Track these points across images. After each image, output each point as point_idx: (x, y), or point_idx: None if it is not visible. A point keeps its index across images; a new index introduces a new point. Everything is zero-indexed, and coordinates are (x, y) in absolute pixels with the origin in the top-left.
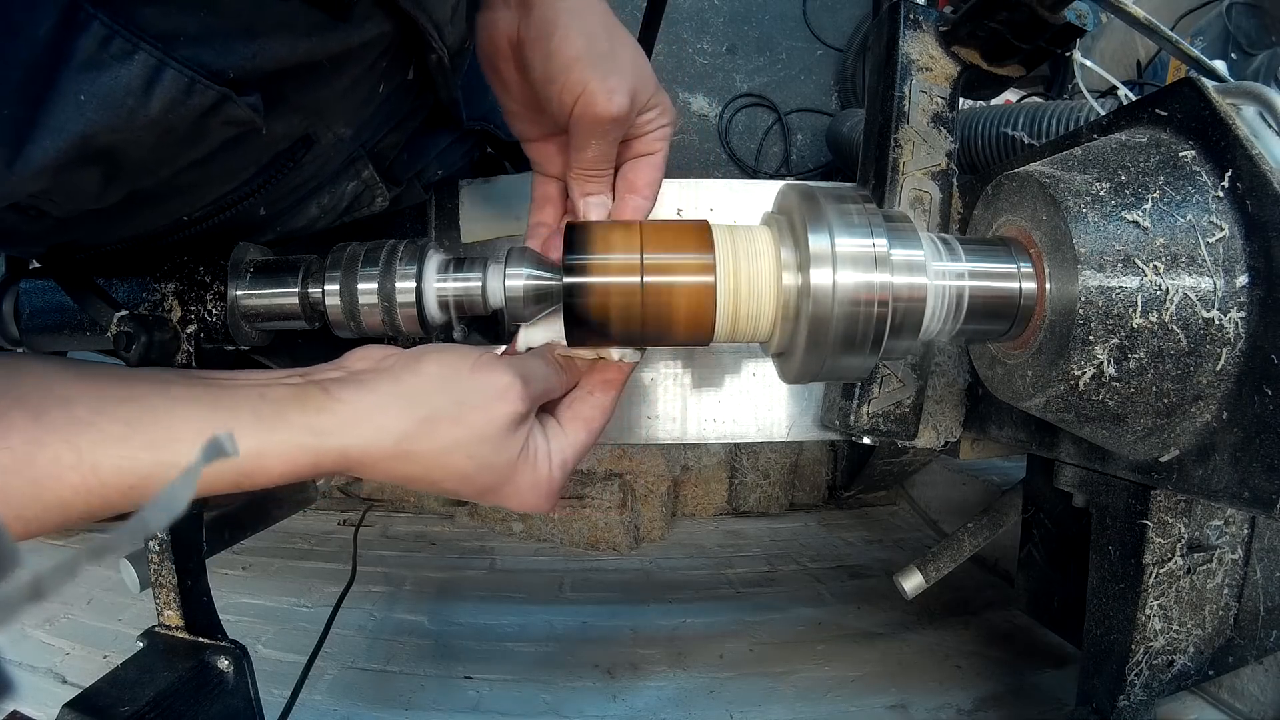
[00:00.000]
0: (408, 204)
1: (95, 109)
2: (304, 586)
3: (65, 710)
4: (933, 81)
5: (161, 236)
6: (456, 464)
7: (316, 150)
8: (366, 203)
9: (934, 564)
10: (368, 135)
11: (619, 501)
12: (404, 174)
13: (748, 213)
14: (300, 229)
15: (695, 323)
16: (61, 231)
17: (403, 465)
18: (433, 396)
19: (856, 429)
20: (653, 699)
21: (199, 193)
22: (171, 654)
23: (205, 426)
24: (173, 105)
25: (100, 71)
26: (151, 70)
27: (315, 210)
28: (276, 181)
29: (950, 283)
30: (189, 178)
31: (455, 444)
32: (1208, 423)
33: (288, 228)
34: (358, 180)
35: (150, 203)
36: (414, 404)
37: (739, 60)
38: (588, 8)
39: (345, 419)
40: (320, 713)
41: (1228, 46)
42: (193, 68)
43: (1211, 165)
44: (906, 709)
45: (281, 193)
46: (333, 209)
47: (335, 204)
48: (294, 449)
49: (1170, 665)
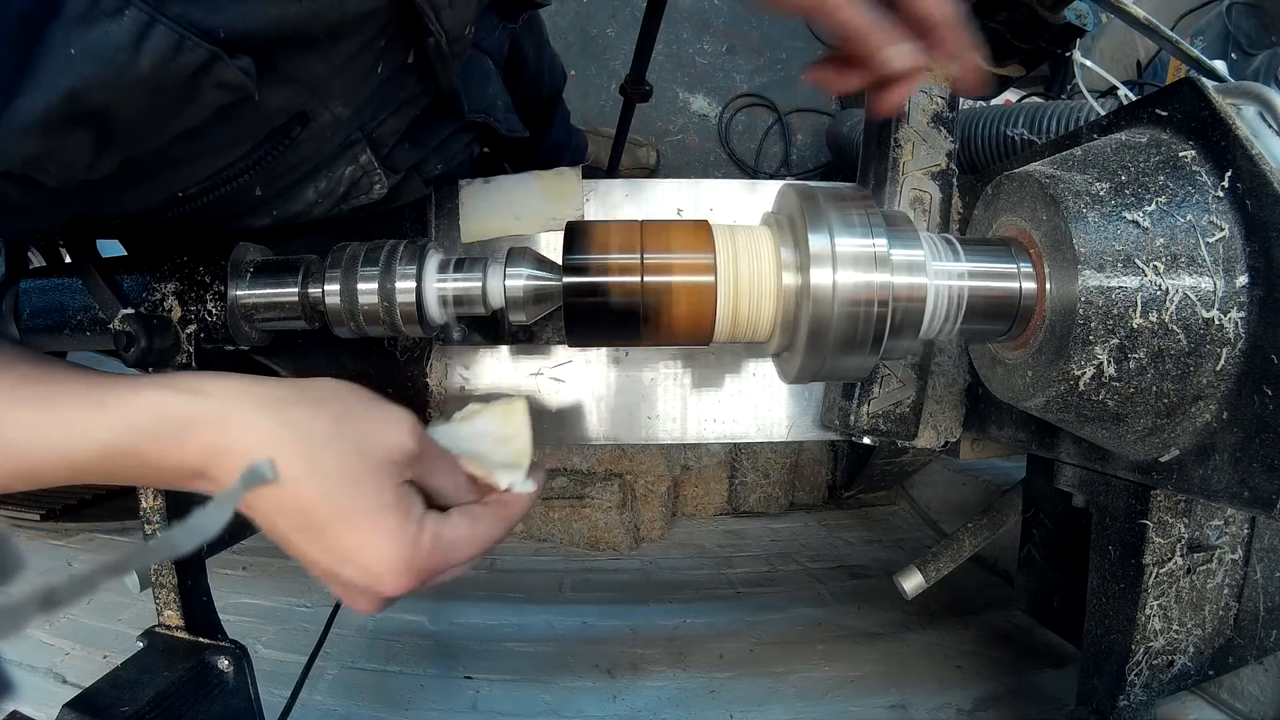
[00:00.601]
0: (406, 199)
1: (85, 64)
2: (304, 586)
3: (65, 710)
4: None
5: (157, 213)
6: (326, 460)
7: (313, 128)
8: (364, 189)
9: (934, 564)
10: (366, 118)
11: (619, 501)
12: (403, 163)
13: (748, 213)
14: (298, 214)
15: (695, 323)
16: (56, 204)
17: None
18: (321, 389)
19: (856, 429)
20: (653, 699)
21: (194, 166)
22: (171, 654)
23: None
24: (162, 63)
25: (90, 26)
26: (141, 26)
27: (312, 194)
28: (272, 159)
29: (950, 283)
30: (183, 150)
31: (330, 436)
32: (1208, 423)
33: (285, 212)
34: (355, 165)
35: (145, 174)
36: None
37: (739, 60)
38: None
39: (230, 384)
40: (320, 713)
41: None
42: (183, 25)
43: (1211, 165)
44: (906, 709)
45: (278, 172)
46: (330, 193)
47: (333, 188)
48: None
49: (1170, 665)
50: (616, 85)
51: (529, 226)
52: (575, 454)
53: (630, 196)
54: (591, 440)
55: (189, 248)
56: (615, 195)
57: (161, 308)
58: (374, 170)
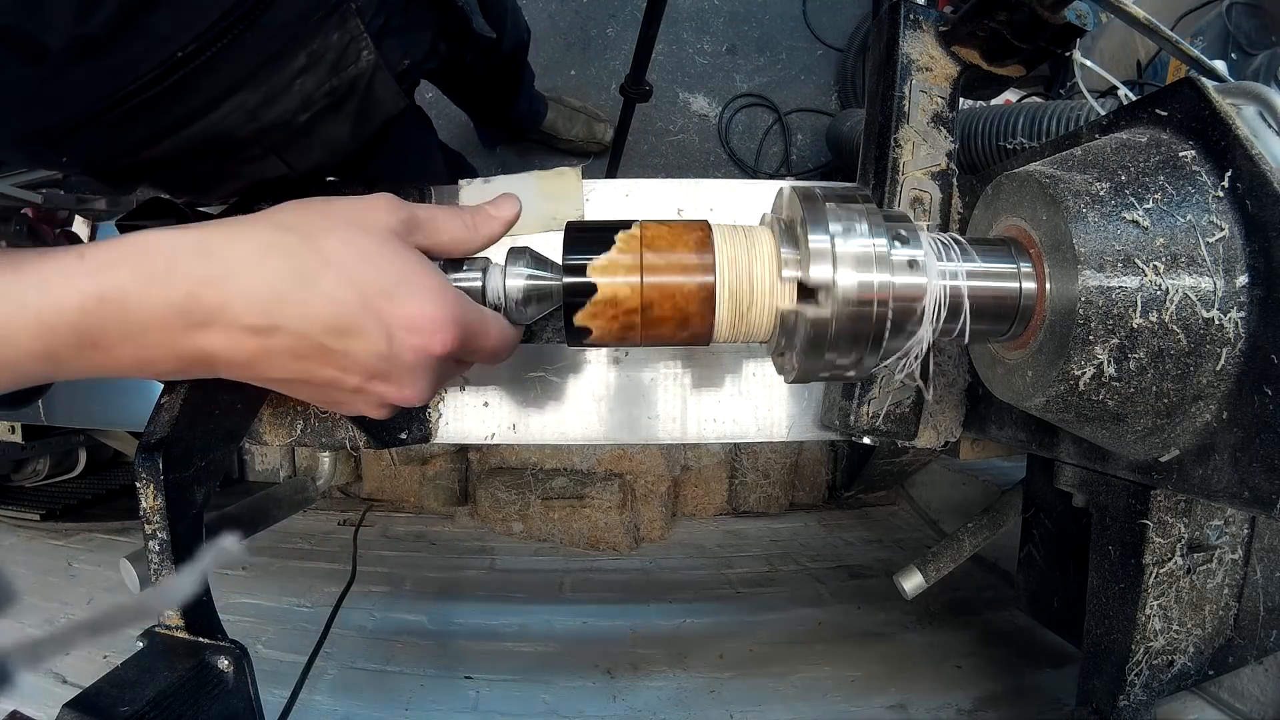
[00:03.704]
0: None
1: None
2: (304, 586)
3: (65, 710)
4: (933, 81)
5: (160, 80)
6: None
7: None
8: (352, 58)
9: (934, 564)
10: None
11: (619, 501)
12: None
13: (748, 213)
14: (287, 86)
15: (695, 323)
16: (60, 82)
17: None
18: (295, 211)
19: (856, 429)
20: (653, 699)
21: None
22: (171, 654)
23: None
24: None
25: None
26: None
27: (303, 59)
28: (260, 12)
29: (950, 283)
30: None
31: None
32: (1208, 423)
33: (275, 88)
34: (343, 30)
35: (138, 27)
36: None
37: (739, 60)
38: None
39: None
40: (320, 713)
41: (1228, 46)
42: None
43: (1211, 165)
44: (906, 709)
45: (270, 29)
46: (320, 60)
47: (322, 53)
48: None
49: (1170, 665)
50: (616, 85)
51: (529, 226)
52: (575, 454)
53: (630, 196)
54: (591, 440)
55: (200, 185)
56: (615, 195)
57: None
58: (361, 36)
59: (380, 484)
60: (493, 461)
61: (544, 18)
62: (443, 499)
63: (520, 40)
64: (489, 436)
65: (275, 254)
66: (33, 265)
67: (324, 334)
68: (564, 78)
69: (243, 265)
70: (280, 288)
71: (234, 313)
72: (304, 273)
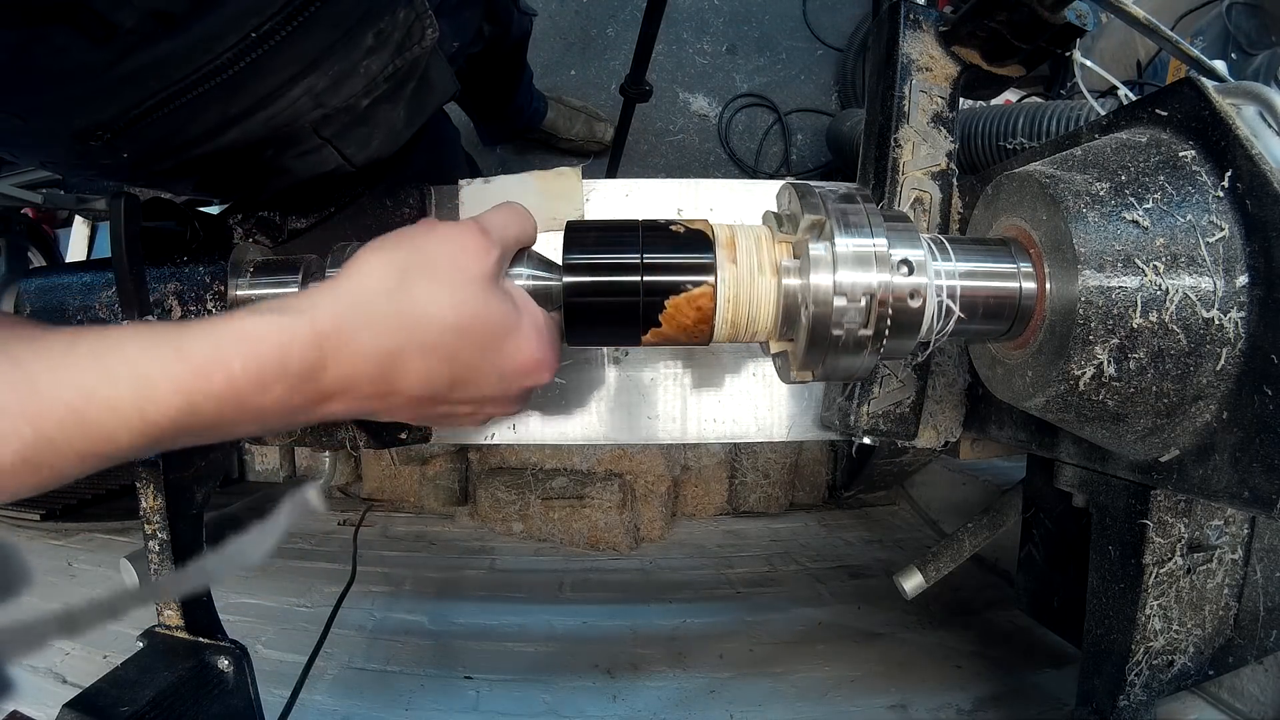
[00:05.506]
0: (438, 99)
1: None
2: (304, 586)
3: (65, 710)
4: (933, 81)
5: (232, 63)
6: (442, 315)
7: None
8: (417, 36)
9: (934, 564)
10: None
11: (619, 501)
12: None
13: (748, 213)
14: (354, 69)
15: (695, 323)
16: (127, 66)
17: (384, 337)
18: (396, 252)
19: (856, 429)
20: (653, 699)
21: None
22: (171, 654)
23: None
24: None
25: None
26: None
27: (370, 40)
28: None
29: (950, 283)
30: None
31: (434, 293)
32: (1208, 423)
33: (343, 71)
34: (409, 7)
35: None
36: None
37: (739, 60)
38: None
39: (311, 293)
40: (320, 713)
41: (1228, 46)
42: None
43: (1211, 165)
44: (906, 709)
45: (344, 5)
46: (387, 39)
47: (390, 32)
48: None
49: (1170, 665)
50: (616, 85)
51: None
52: (575, 454)
53: (630, 196)
54: (591, 440)
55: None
56: (615, 195)
57: (161, 307)
58: (425, 13)
59: (380, 484)
60: (493, 461)
61: (544, 18)
62: (443, 499)
63: (525, 28)
64: (489, 437)
65: (389, 330)
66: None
67: (443, 388)
68: (564, 77)
69: (358, 353)
70: (398, 359)
71: (355, 388)
72: (421, 345)
